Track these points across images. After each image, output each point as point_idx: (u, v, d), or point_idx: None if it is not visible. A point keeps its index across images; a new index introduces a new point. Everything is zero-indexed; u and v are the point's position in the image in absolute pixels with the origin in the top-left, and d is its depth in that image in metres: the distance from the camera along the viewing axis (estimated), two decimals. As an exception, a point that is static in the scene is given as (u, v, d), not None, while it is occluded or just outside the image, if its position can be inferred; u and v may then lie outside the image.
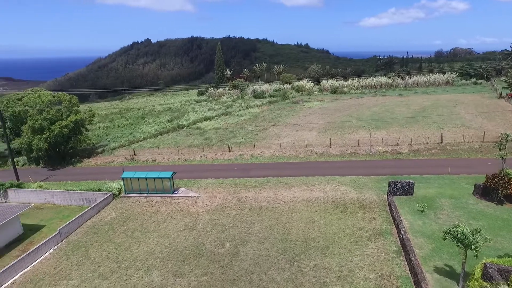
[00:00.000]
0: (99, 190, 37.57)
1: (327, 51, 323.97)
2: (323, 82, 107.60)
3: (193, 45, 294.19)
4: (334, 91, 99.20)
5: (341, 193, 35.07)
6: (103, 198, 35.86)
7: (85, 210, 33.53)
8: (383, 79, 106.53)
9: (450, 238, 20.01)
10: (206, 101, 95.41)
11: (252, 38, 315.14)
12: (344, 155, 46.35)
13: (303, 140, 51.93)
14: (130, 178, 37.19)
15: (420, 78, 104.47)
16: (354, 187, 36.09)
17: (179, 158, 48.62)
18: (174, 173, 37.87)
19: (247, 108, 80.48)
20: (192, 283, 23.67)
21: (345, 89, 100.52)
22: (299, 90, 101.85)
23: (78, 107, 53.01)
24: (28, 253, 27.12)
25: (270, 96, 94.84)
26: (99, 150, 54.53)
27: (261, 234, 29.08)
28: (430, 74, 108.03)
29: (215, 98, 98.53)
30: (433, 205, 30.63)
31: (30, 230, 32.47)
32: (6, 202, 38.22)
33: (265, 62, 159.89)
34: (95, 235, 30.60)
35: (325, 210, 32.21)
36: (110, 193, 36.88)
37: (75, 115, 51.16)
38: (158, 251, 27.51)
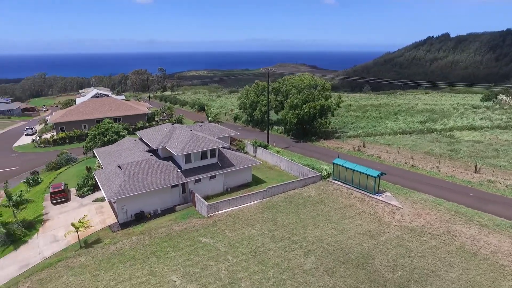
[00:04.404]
0: (313, 168, 40.53)
1: None
2: None
3: (506, 40, 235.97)
4: None
5: None
6: (311, 176, 38.63)
7: (293, 180, 37.65)
8: None
9: None
10: (488, 108, 75.98)
11: None
12: None
13: None
14: (339, 165, 37.39)
15: None
16: None
17: (406, 163, 42.87)
18: (382, 173, 34.24)
19: (546, 125, 57.11)
20: (335, 288, 21.66)
21: None
22: None
23: (329, 92, 57.97)
24: (241, 197, 34.46)
25: None
26: (337, 134, 57.74)
27: (453, 285, 21.43)
28: None
29: (505, 107, 76.12)
30: None
31: (256, 181, 40.69)
32: (254, 156, 49.47)
33: None
34: (289, 204, 33.90)
35: None
36: (319, 174, 38.95)
37: (325, 100, 56.42)
38: (326, 242, 26.83)
